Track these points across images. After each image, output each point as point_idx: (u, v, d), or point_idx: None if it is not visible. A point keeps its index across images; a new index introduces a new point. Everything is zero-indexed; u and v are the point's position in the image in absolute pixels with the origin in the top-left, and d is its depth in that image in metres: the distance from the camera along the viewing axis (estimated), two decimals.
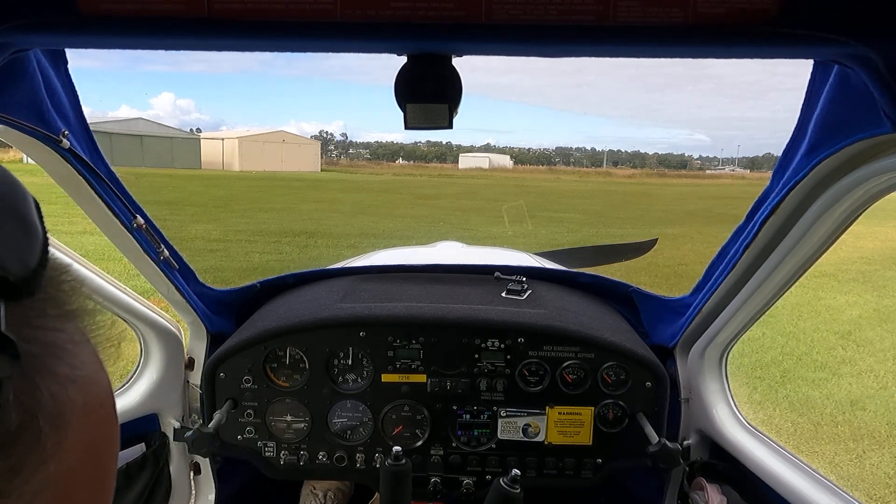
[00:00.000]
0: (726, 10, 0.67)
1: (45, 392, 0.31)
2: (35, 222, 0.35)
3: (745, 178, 72.80)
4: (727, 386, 1.54)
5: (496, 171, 77.50)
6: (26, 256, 0.32)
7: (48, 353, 0.32)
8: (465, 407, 1.56)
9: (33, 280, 0.32)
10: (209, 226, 13.34)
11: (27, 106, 0.97)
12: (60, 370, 0.33)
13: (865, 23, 0.67)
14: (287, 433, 1.58)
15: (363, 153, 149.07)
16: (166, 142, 45.70)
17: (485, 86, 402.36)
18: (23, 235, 0.33)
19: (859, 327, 7.02)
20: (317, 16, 0.69)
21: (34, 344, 0.31)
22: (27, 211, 0.35)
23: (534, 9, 0.68)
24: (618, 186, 43.49)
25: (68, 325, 0.35)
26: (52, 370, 0.32)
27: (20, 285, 0.31)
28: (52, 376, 0.32)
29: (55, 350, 0.33)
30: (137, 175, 24.47)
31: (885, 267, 10.58)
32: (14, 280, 0.30)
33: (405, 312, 1.57)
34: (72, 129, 1.09)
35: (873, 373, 5.68)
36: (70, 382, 0.33)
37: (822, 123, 0.93)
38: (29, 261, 0.32)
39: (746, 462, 1.38)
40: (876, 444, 4.39)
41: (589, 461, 1.57)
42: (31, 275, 0.32)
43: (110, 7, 0.69)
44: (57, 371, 0.32)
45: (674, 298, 1.61)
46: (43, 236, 0.35)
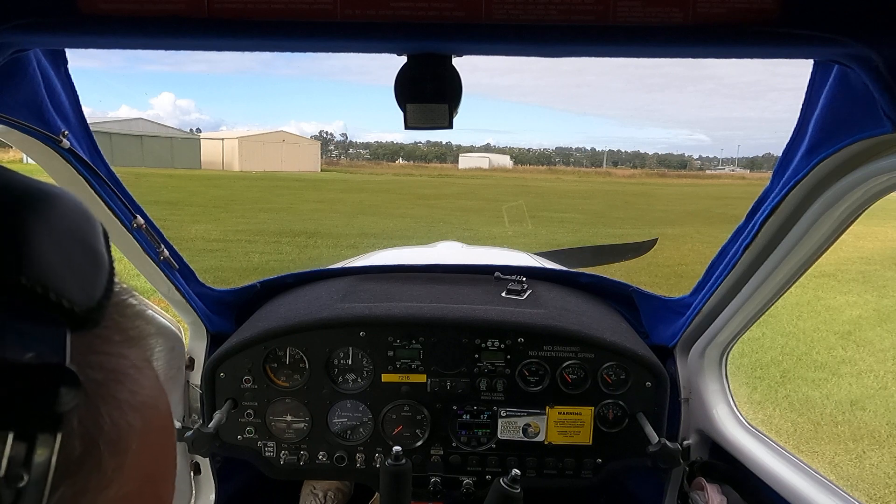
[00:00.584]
0: (726, 10, 0.67)
1: (107, 418, 0.31)
2: (102, 252, 0.35)
3: (745, 178, 72.84)
4: (727, 386, 1.54)
5: (496, 171, 77.53)
6: (92, 287, 0.32)
7: (111, 380, 0.32)
8: (465, 407, 1.56)
9: (98, 311, 0.32)
10: (209, 226, 13.34)
11: (27, 106, 0.97)
12: (122, 396, 0.33)
13: (865, 23, 0.67)
14: (287, 433, 1.58)
15: (363, 153, 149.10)
16: (166, 142, 45.71)
17: (485, 86, 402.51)
18: (90, 266, 0.33)
19: (859, 327, 7.02)
20: (317, 16, 0.69)
21: (98, 370, 0.32)
22: (95, 240, 0.35)
23: (534, 9, 0.68)
24: (618, 186, 43.49)
25: (131, 350, 0.35)
26: (115, 396, 0.32)
27: (85, 316, 0.31)
28: (114, 402, 0.32)
29: (118, 376, 0.33)
30: (137, 175, 24.48)
31: (885, 267, 10.58)
32: (79, 311, 0.30)
33: (405, 312, 1.57)
34: (72, 129, 1.09)
35: (873, 373, 5.68)
36: (131, 408, 0.33)
37: (822, 123, 0.93)
38: (95, 292, 0.32)
39: (746, 462, 1.38)
40: (876, 444, 4.39)
41: (589, 461, 1.57)
42: (97, 306, 0.32)
43: (110, 7, 0.69)
44: (119, 397, 0.32)
45: (674, 298, 1.61)
46: (109, 265, 0.35)
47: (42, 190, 0.32)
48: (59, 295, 0.29)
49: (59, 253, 0.30)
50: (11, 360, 0.26)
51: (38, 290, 0.28)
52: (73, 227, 0.33)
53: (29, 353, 0.27)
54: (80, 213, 0.34)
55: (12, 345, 0.26)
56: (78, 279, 0.31)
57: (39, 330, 0.28)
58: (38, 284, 0.28)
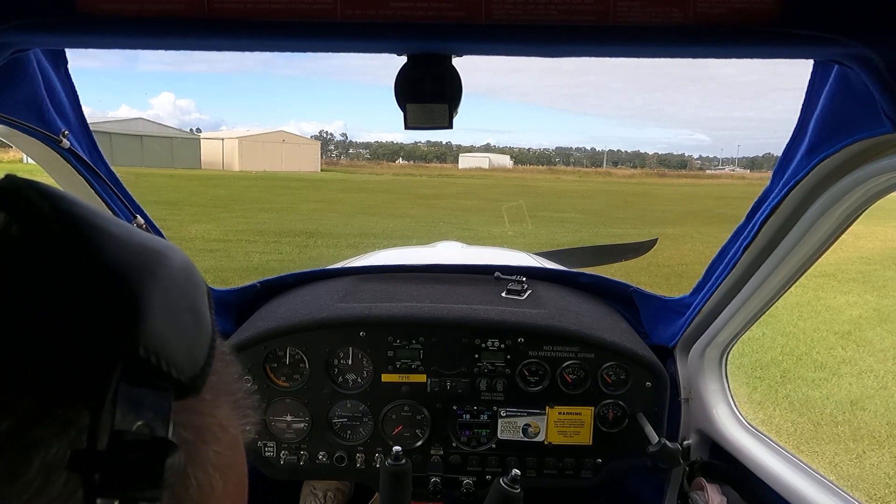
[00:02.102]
0: (726, 10, 0.67)
1: (193, 480, 0.31)
2: (207, 315, 0.34)
3: (745, 178, 72.84)
4: (727, 386, 1.54)
5: (496, 170, 77.54)
6: (198, 355, 0.32)
7: (199, 439, 0.32)
8: (465, 407, 1.56)
9: (201, 378, 0.32)
10: (209, 226, 13.34)
11: (27, 106, 0.97)
12: (208, 456, 0.33)
13: (865, 23, 0.67)
14: (287, 433, 1.58)
15: (363, 153, 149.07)
16: (166, 142, 45.72)
17: (485, 86, 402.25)
18: (196, 332, 0.33)
19: (859, 327, 7.02)
20: (317, 16, 0.69)
21: (189, 430, 0.32)
22: (201, 303, 0.34)
23: (534, 9, 0.68)
24: (618, 186, 43.49)
25: (219, 410, 0.35)
26: (201, 456, 0.32)
27: (190, 385, 0.31)
28: (199, 463, 0.32)
29: (205, 435, 0.33)
30: (137, 175, 24.47)
31: (885, 267, 10.57)
32: (185, 381, 0.30)
33: (405, 312, 1.57)
34: (72, 129, 1.09)
35: (873, 373, 5.68)
36: (213, 468, 0.33)
37: (822, 123, 0.93)
38: (199, 360, 0.32)
39: (746, 462, 1.38)
40: (876, 444, 4.38)
41: (589, 461, 1.57)
42: (199, 373, 0.32)
43: (110, 7, 0.69)
44: (205, 457, 0.33)
45: (674, 298, 1.60)
46: (212, 329, 0.34)
47: (156, 250, 0.32)
48: (169, 365, 0.29)
49: (171, 320, 0.30)
50: (122, 429, 0.26)
51: (152, 360, 0.28)
52: (183, 288, 0.33)
53: (138, 422, 0.27)
54: (188, 273, 0.34)
55: (124, 413, 0.27)
56: (185, 347, 0.31)
57: (149, 399, 0.28)
58: (153, 355, 0.28)
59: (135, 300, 0.28)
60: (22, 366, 0.26)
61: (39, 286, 0.27)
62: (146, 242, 0.32)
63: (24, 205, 0.28)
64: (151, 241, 0.33)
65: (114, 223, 0.31)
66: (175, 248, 0.34)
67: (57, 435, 0.26)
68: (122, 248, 0.30)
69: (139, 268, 0.30)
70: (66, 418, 0.26)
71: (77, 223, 0.29)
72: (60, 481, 0.26)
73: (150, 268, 0.30)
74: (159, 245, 0.33)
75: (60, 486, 0.26)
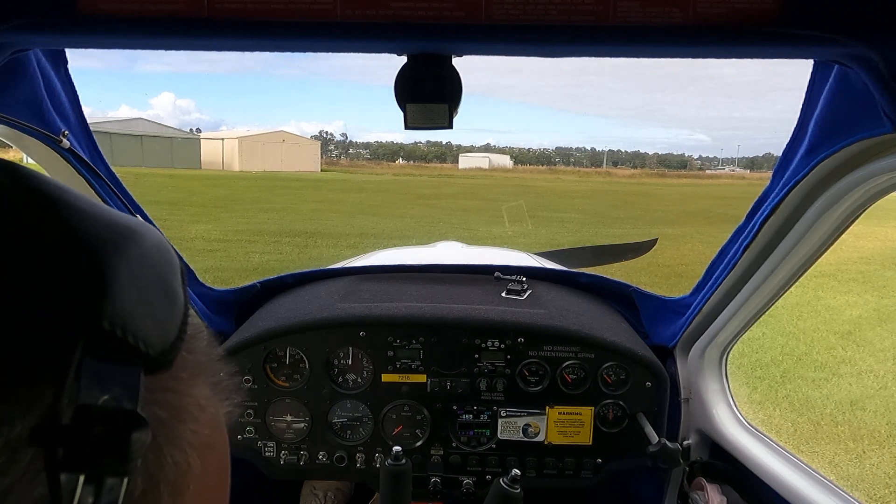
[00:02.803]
0: (726, 10, 0.67)
1: (169, 458, 0.31)
2: (179, 291, 0.34)
3: (745, 178, 72.85)
4: (727, 386, 1.54)
5: (496, 171, 77.55)
6: (167, 329, 0.32)
7: (175, 418, 0.32)
8: (465, 407, 1.56)
9: (171, 353, 0.32)
10: (209, 226, 13.34)
11: (27, 106, 0.97)
12: (184, 436, 0.33)
13: (865, 23, 0.67)
14: (287, 433, 1.58)
15: (363, 153, 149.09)
16: (166, 142, 45.74)
17: (485, 86, 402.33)
18: (166, 307, 0.32)
19: (859, 327, 7.02)
20: (317, 16, 0.69)
21: (163, 408, 0.31)
22: (173, 279, 0.34)
23: (534, 9, 0.68)
24: (618, 186, 43.49)
25: (195, 388, 0.35)
26: (177, 436, 0.32)
27: (159, 359, 0.31)
28: (175, 442, 0.32)
29: (181, 414, 0.33)
30: (137, 175, 24.48)
31: (885, 267, 10.57)
32: (154, 355, 0.30)
33: (405, 312, 1.57)
34: (72, 129, 1.09)
35: (873, 373, 5.68)
36: (192, 448, 0.33)
37: (822, 123, 0.93)
38: (169, 334, 0.32)
39: (746, 462, 1.38)
40: (876, 444, 4.39)
41: (589, 461, 1.57)
42: (170, 348, 0.31)
43: (110, 7, 0.69)
44: (181, 437, 0.32)
45: (674, 298, 1.60)
46: (184, 305, 0.34)
47: (126, 226, 0.32)
48: (136, 338, 0.29)
49: (138, 294, 0.30)
50: (87, 403, 0.26)
51: (118, 333, 0.28)
52: (154, 266, 0.33)
53: (104, 396, 0.27)
54: (161, 250, 0.34)
55: (89, 387, 0.26)
56: (154, 321, 0.31)
57: (115, 372, 0.28)
58: (118, 328, 0.28)
59: (100, 274, 0.28)
60: None
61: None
62: (118, 219, 0.32)
63: None
64: (124, 218, 0.33)
65: (83, 200, 0.31)
66: (150, 226, 0.34)
67: (22, 413, 0.25)
68: (89, 223, 0.30)
69: (107, 243, 0.30)
70: (30, 396, 0.26)
71: (38, 196, 0.29)
72: (26, 459, 0.25)
73: (119, 243, 0.30)
74: (132, 223, 0.33)
75: (25, 464, 0.25)
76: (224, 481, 0.39)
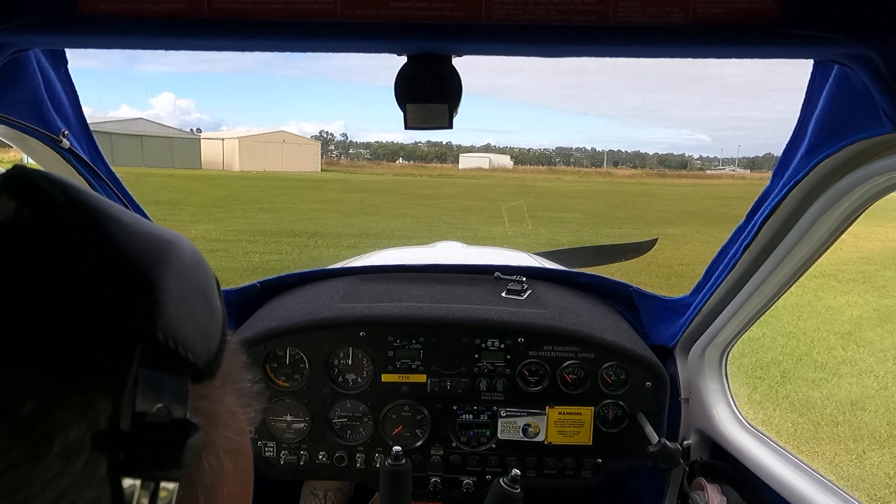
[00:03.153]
0: (726, 10, 0.67)
1: (206, 464, 0.32)
2: (217, 301, 0.35)
3: (746, 178, 72.84)
4: (727, 386, 1.54)
5: (496, 171, 77.54)
6: (211, 339, 0.33)
7: (210, 424, 0.33)
8: (465, 407, 1.56)
9: (216, 363, 0.33)
10: (209, 226, 13.34)
11: (27, 106, 0.97)
12: (219, 441, 0.34)
13: (865, 23, 0.67)
14: (287, 433, 1.58)
15: (363, 153, 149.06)
16: (166, 142, 45.72)
17: (485, 86, 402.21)
18: (209, 318, 0.34)
19: (859, 327, 7.01)
20: (317, 16, 0.69)
21: (201, 415, 0.32)
22: (211, 290, 0.35)
23: (534, 9, 0.68)
24: (618, 186, 43.48)
25: (227, 396, 0.36)
26: (212, 441, 0.33)
27: (205, 369, 0.32)
28: (211, 448, 0.33)
29: (216, 421, 0.34)
30: (137, 175, 24.49)
31: (885, 267, 10.57)
32: (201, 365, 0.31)
33: (405, 312, 1.57)
34: (72, 129, 1.09)
35: (873, 373, 5.68)
36: (224, 452, 0.34)
37: (822, 123, 0.93)
38: (213, 344, 0.33)
39: (746, 462, 1.38)
40: (876, 444, 4.38)
41: (589, 461, 1.57)
42: (213, 358, 0.33)
43: (110, 7, 0.69)
44: (216, 442, 0.33)
45: (674, 298, 1.60)
46: (223, 315, 0.35)
47: (167, 239, 0.33)
48: (185, 349, 0.30)
49: (184, 305, 0.31)
50: (142, 411, 0.27)
51: (170, 344, 0.29)
52: (194, 276, 0.34)
53: (158, 405, 0.28)
54: (198, 261, 0.35)
55: (144, 396, 0.28)
56: (200, 331, 0.32)
57: (167, 381, 0.29)
58: (171, 339, 0.29)
59: (151, 286, 0.29)
60: (43, 351, 0.27)
61: (55, 273, 0.27)
62: (156, 231, 0.33)
63: (35, 192, 0.29)
64: (160, 230, 0.34)
65: (124, 213, 0.32)
66: (183, 237, 0.35)
67: (77, 418, 0.26)
68: (134, 237, 0.31)
69: (152, 255, 0.31)
70: (86, 402, 0.27)
71: (89, 211, 0.30)
72: (81, 462, 0.26)
73: (162, 255, 0.31)
74: (169, 234, 0.34)
75: (81, 466, 0.26)
76: (249, 483, 0.40)
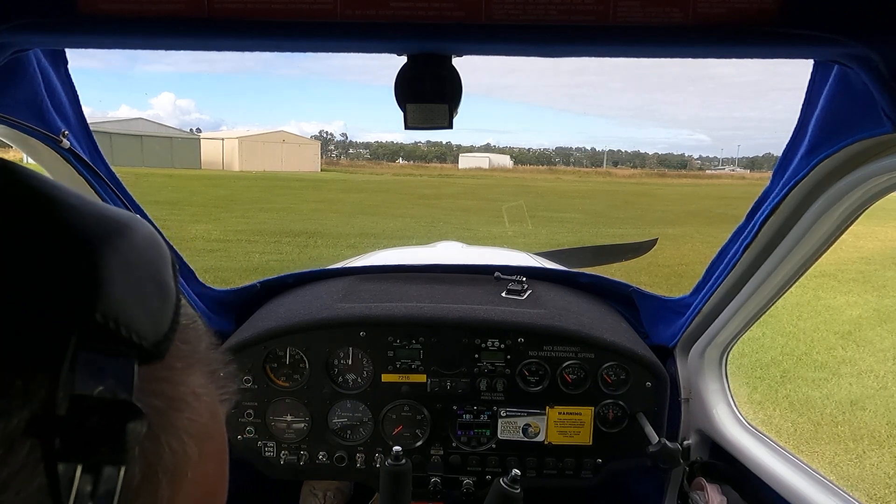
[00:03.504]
0: (726, 10, 0.67)
1: (167, 447, 0.32)
2: (170, 283, 0.35)
3: (745, 178, 72.84)
4: (727, 386, 1.54)
5: (496, 171, 77.54)
6: (160, 321, 0.32)
7: (171, 408, 0.33)
8: (465, 407, 1.56)
9: (164, 344, 0.32)
10: (209, 226, 13.34)
11: (27, 106, 0.97)
12: (181, 424, 0.33)
13: (865, 23, 0.67)
14: (287, 433, 1.58)
15: (363, 153, 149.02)
16: (166, 142, 45.72)
17: (485, 86, 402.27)
18: (159, 299, 0.33)
19: (859, 327, 7.02)
20: (317, 16, 0.69)
21: (159, 398, 0.32)
22: (164, 272, 0.35)
23: (534, 9, 0.68)
24: (618, 186, 43.49)
25: (191, 378, 0.35)
26: (174, 425, 0.33)
27: (153, 350, 0.31)
28: (172, 430, 0.32)
29: (177, 404, 0.33)
30: (137, 175, 24.47)
31: (885, 267, 10.57)
32: (148, 346, 0.31)
33: (405, 312, 1.57)
34: (72, 129, 1.09)
35: (873, 373, 5.68)
36: (188, 436, 0.33)
37: (822, 123, 0.93)
38: (162, 325, 0.32)
39: (746, 462, 1.38)
40: (876, 444, 4.39)
41: (589, 461, 1.57)
42: (163, 339, 0.32)
43: (110, 7, 0.69)
44: (178, 425, 0.33)
45: (674, 298, 1.60)
46: (176, 297, 0.35)
47: (118, 220, 0.32)
48: (129, 330, 0.29)
49: (131, 287, 0.30)
50: (82, 394, 0.27)
51: (111, 325, 0.28)
52: (145, 258, 0.33)
53: (99, 387, 0.27)
54: (151, 244, 0.34)
55: (84, 379, 0.27)
56: (147, 313, 0.31)
57: (109, 364, 0.28)
58: (111, 320, 0.28)
59: (92, 268, 0.29)
60: None
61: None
62: (108, 213, 0.32)
63: None
64: (115, 212, 0.33)
65: (74, 195, 0.32)
66: (140, 219, 0.34)
67: (19, 406, 0.26)
68: (80, 218, 0.30)
69: (99, 237, 0.30)
70: (26, 388, 0.26)
71: (32, 192, 0.30)
72: (24, 451, 0.26)
73: (110, 237, 0.31)
74: (122, 216, 0.33)
75: (24, 456, 0.26)
76: (223, 468, 0.39)
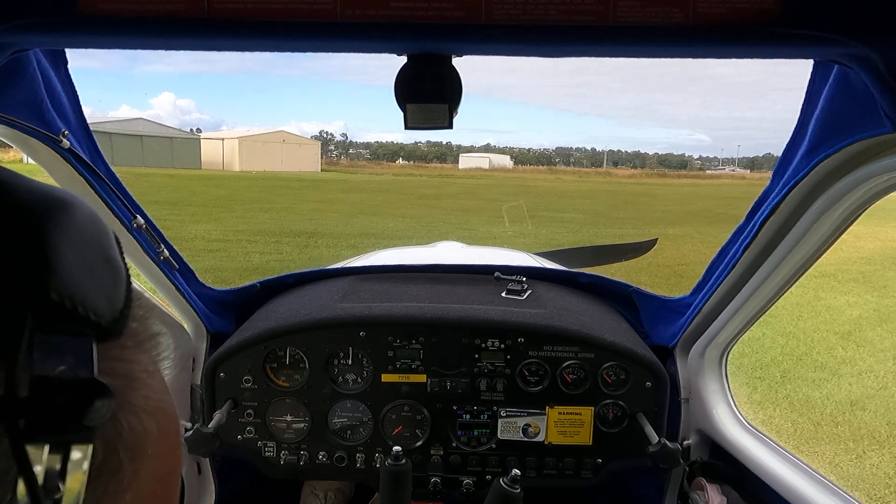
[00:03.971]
0: (726, 10, 0.67)
1: (125, 424, 0.31)
2: (118, 260, 0.35)
3: (746, 178, 72.86)
4: (727, 386, 1.54)
5: (496, 171, 77.53)
6: (115, 298, 0.32)
7: (126, 386, 0.33)
8: (465, 407, 1.56)
9: (121, 321, 0.32)
10: (209, 226, 13.34)
11: (27, 106, 0.97)
12: (137, 402, 0.33)
13: (865, 23, 0.67)
14: (287, 433, 1.58)
15: (363, 153, 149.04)
16: (166, 142, 45.70)
17: (485, 86, 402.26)
18: (110, 276, 0.33)
19: (859, 327, 7.01)
20: (317, 16, 0.69)
21: (114, 377, 0.32)
22: (111, 249, 0.34)
23: (534, 9, 0.68)
24: (618, 186, 43.49)
25: (143, 355, 0.35)
26: (131, 402, 0.33)
27: (110, 328, 0.31)
28: (129, 408, 0.32)
29: (132, 381, 0.33)
30: (137, 175, 24.47)
31: (885, 267, 10.57)
32: (105, 324, 0.30)
33: (405, 312, 1.57)
34: (72, 129, 1.08)
35: (873, 373, 5.68)
36: (146, 413, 0.33)
37: (822, 123, 0.93)
38: (117, 303, 0.32)
39: (746, 462, 1.38)
40: (876, 444, 4.38)
41: (589, 461, 1.57)
42: (119, 316, 0.32)
43: (110, 7, 0.69)
44: (134, 403, 0.33)
45: (674, 298, 1.61)
46: (126, 273, 0.35)
47: (58, 197, 0.32)
48: (86, 308, 0.29)
49: (81, 265, 0.30)
50: (43, 375, 0.26)
51: (66, 304, 0.28)
52: (91, 236, 0.33)
53: (60, 367, 0.27)
54: (94, 221, 0.34)
55: (43, 359, 0.27)
56: (101, 291, 0.31)
57: (68, 343, 0.28)
58: (66, 299, 0.28)
59: (41, 246, 0.28)
60: None
61: None
62: (48, 191, 0.32)
63: None
64: (53, 190, 0.33)
65: (10, 174, 0.31)
66: (78, 197, 0.34)
67: None
68: (22, 197, 0.30)
69: (43, 215, 0.30)
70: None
71: None
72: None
73: (54, 215, 0.30)
74: (62, 193, 0.33)
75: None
76: (177, 440, 0.39)
